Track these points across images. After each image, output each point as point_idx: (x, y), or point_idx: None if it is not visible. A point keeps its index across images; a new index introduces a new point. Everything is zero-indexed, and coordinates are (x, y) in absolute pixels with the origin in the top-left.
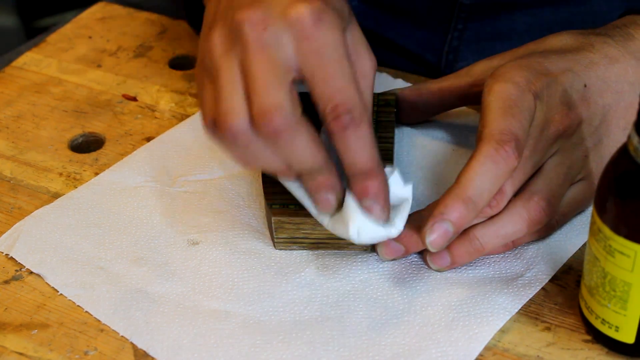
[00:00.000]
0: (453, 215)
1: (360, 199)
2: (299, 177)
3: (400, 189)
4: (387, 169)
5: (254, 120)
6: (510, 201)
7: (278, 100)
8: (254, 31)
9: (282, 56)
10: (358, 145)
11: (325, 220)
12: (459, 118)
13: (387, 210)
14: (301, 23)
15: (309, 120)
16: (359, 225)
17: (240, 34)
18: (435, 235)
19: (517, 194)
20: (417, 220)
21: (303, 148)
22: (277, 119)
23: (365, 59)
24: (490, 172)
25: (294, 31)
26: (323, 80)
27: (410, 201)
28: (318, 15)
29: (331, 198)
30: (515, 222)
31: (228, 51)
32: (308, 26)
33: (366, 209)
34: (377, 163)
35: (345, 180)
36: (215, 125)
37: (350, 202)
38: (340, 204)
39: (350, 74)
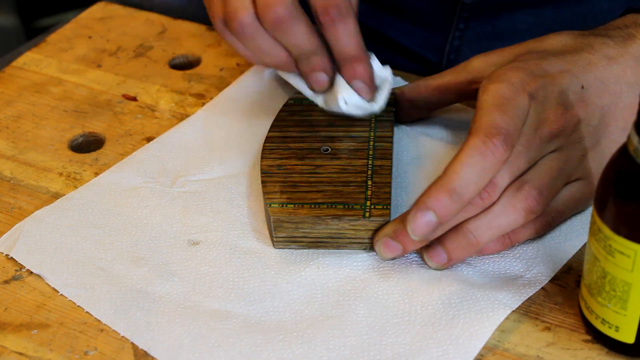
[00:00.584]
0: (436, 205)
1: (350, 81)
2: (297, 63)
3: (380, 69)
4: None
5: (259, 12)
6: (502, 193)
7: None
8: None
9: None
10: (345, 35)
11: (319, 100)
12: (458, 117)
13: (372, 89)
14: None
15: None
16: (346, 96)
17: None
18: (416, 223)
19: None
20: None
21: (301, 33)
22: (279, 9)
23: None
24: (477, 164)
25: None
26: None
27: (391, 81)
28: None
29: (324, 77)
30: (508, 212)
31: None
32: None
33: (355, 89)
34: (363, 49)
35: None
36: (225, 23)
37: (339, 80)
38: (331, 85)
39: None
